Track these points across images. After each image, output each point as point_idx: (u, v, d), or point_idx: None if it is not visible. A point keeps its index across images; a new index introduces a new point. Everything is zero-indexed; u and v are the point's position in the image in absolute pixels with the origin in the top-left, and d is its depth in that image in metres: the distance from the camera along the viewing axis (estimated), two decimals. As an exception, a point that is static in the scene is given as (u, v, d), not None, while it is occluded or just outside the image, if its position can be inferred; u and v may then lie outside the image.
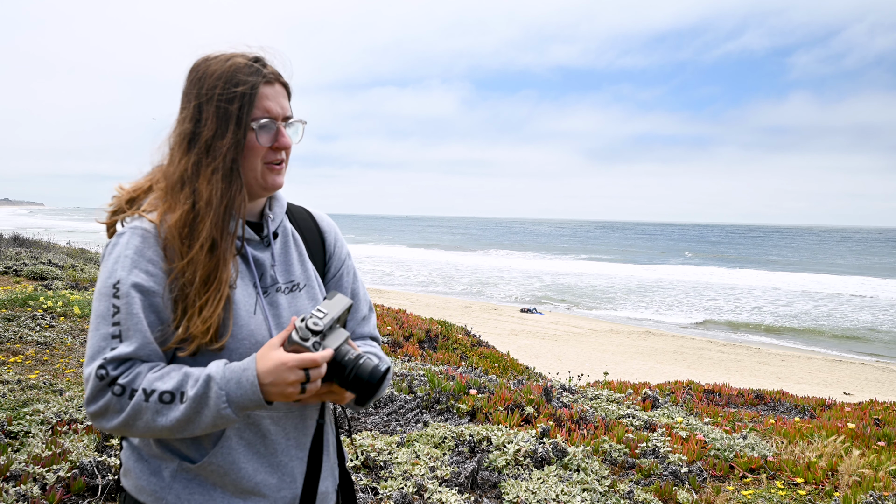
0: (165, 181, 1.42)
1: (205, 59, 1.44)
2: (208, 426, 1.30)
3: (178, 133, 1.42)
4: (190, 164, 1.39)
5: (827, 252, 77.96)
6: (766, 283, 39.06)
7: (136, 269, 1.34)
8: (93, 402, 1.29)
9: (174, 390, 1.28)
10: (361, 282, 1.70)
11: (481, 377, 6.24)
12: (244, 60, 1.41)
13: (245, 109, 1.39)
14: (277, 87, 1.44)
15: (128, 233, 1.38)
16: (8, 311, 7.60)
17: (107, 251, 1.39)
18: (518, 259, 56.00)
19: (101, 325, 1.32)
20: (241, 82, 1.39)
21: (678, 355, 16.29)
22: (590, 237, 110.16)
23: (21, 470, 3.27)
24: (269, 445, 1.44)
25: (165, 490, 1.39)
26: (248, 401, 1.29)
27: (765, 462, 4.28)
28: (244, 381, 1.29)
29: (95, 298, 1.35)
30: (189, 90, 1.42)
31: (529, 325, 19.97)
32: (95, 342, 1.31)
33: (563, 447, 4.08)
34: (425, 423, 4.64)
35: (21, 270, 11.75)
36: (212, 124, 1.38)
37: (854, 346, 20.06)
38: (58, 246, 20.31)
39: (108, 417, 1.29)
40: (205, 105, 1.39)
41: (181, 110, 1.43)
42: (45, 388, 5.01)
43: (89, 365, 1.30)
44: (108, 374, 1.28)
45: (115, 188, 1.53)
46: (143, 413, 1.27)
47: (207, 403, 1.28)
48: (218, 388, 1.28)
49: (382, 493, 3.42)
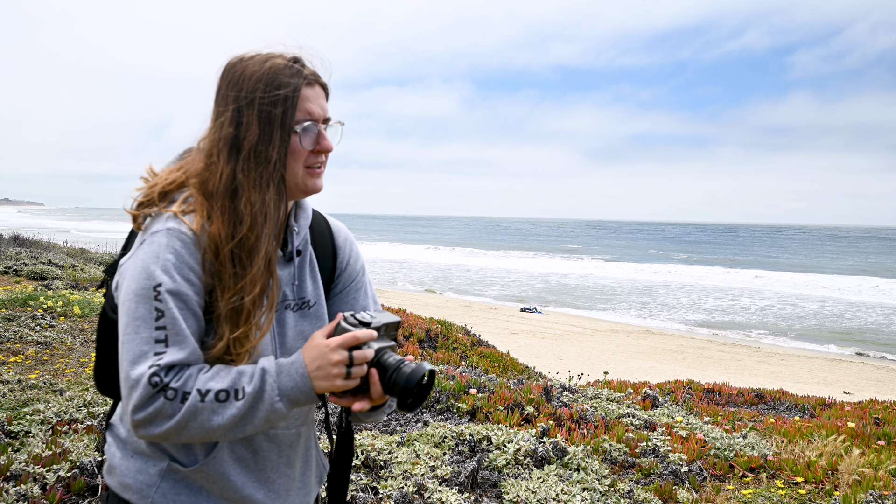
0: (202, 186, 1.34)
1: (240, 60, 1.37)
2: (262, 422, 1.27)
3: (218, 137, 1.34)
4: (238, 172, 1.32)
5: (827, 252, 77.99)
6: (766, 282, 39.07)
7: (178, 276, 1.27)
8: (142, 409, 1.21)
9: (229, 388, 1.24)
10: (373, 297, 1.63)
11: (481, 377, 6.24)
12: (283, 61, 1.36)
13: (289, 113, 1.33)
14: (317, 89, 1.39)
15: (165, 233, 1.30)
16: (8, 311, 7.60)
17: (140, 249, 1.31)
18: (518, 258, 56.00)
19: (141, 328, 1.25)
20: (283, 84, 1.33)
21: (678, 355, 16.29)
22: (590, 237, 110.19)
23: (21, 470, 3.27)
24: (260, 462, 1.42)
25: (152, 489, 1.36)
26: (298, 392, 1.27)
27: (765, 461, 4.28)
28: (294, 373, 1.27)
29: (130, 299, 1.27)
30: (226, 92, 1.36)
31: (529, 324, 19.98)
32: (137, 346, 1.24)
33: (563, 446, 4.08)
34: (425, 422, 4.64)
35: (21, 270, 11.74)
36: (255, 129, 1.32)
37: (854, 345, 20.06)
38: (58, 246, 20.31)
39: (158, 423, 1.22)
40: (245, 109, 1.33)
41: (217, 113, 1.36)
42: (45, 387, 5.01)
43: (135, 369, 1.23)
44: (161, 381, 1.21)
45: (147, 171, 1.45)
46: (198, 414, 1.22)
47: (263, 398, 1.25)
48: (272, 381, 1.26)
49: (382, 493, 3.42)
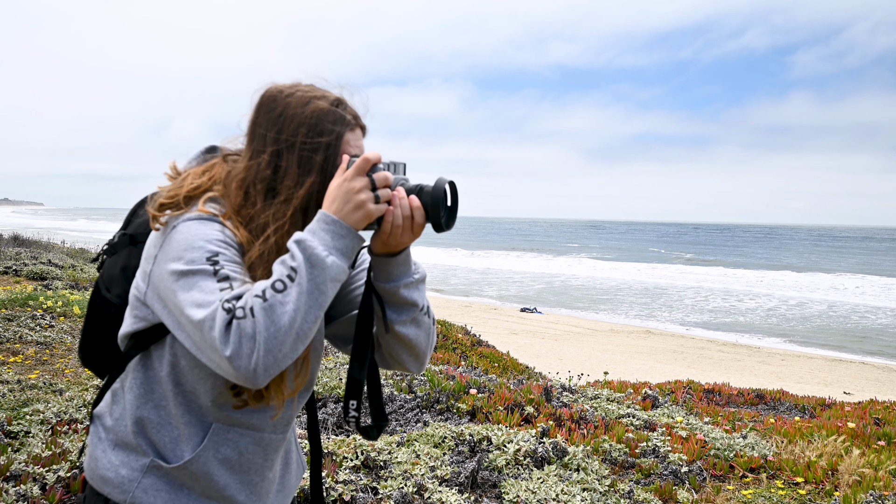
0: (235, 212, 1.32)
1: (280, 93, 1.35)
2: (331, 286, 1.20)
3: (255, 176, 1.32)
4: (270, 215, 1.30)
5: (827, 252, 78.01)
6: (766, 282, 39.07)
7: (224, 239, 1.27)
8: (227, 343, 1.14)
9: (280, 276, 1.18)
10: None
11: (481, 377, 6.23)
12: (326, 105, 1.34)
13: (330, 160, 1.32)
14: (357, 131, 1.38)
15: (197, 216, 1.30)
16: (8, 311, 7.60)
17: (176, 231, 1.28)
18: (518, 258, 55.99)
19: (202, 280, 1.20)
20: (326, 132, 1.32)
21: (678, 355, 16.29)
22: (589, 236, 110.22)
23: (21, 470, 3.27)
24: (245, 464, 1.41)
25: (133, 484, 1.35)
26: (340, 238, 1.22)
27: (765, 461, 4.28)
28: (325, 224, 1.22)
29: (179, 272, 1.22)
30: (265, 130, 1.33)
31: (529, 324, 19.98)
32: (202, 295, 1.19)
33: (563, 447, 4.08)
34: (425, 422, 4.64)
35: (21, 270, 11.74)
36: (293, 174, 1.31)
37: (854, 345, 20.06)
38: (57, 246, 20.30)
39: (251, 349, 1.14)
40: (285, 152, 1.31)
41: (255, 150, 1.34)
42: (44, 387, 5.01)
43: (204, 309, 1.17)
44: (232, 307, 1.15)
45: (171, 167, 1.44)
46: (271, 314, 1.14)
47: (314, 262, 1.19)
48: (311, 243, 1.20)
49: (382, 493, 3.42)
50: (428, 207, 1.27)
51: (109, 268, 1.54)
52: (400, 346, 1.44)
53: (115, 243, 1.53)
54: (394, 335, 1.42)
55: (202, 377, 1.34)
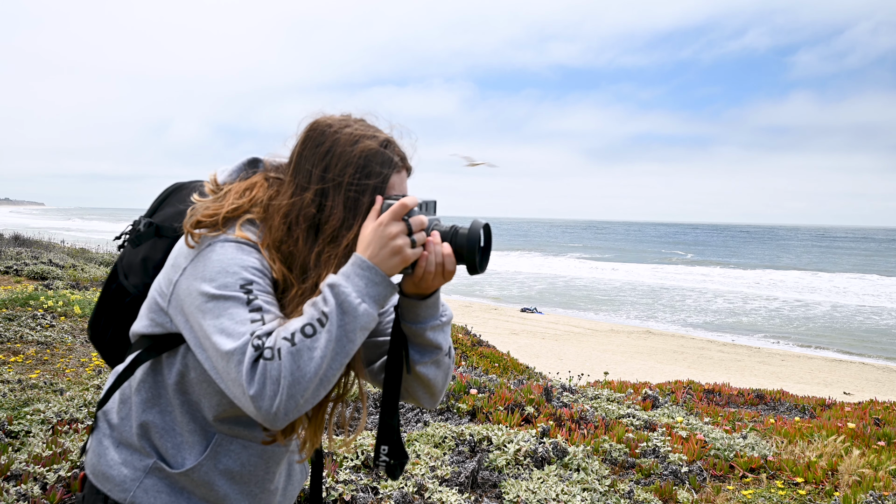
0: (276, 247, 1.30)
1: (330, 129, 1.33)
2: (359, 334, 1.19)
3: (299, 213, 1.29)
4: (313, 255, 1.28)
5: (828, 252, 77.97)
6: (766, 282, 39.06)
7: (258, 266, 1.26)
8: (252, 382, 1.13)
9: (310, 320, 1.17)
10: None
11: (481, 377, 6.24)
12: (375, 145, 1.31)
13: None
14: (403, 173, 1.36)
15: (235, 240, 1.28)
16: (8, 311, 7.60)
17: (206, 252, 1.27)
18: (518, 258, 55.98)
19: (234, 308, 1.19)
20: (374, 174, 1.29)
21: (678, 355, 16.28)
22: (590, 237, 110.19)
23: (21, 469, 3.27)
24: (246, 476, 1.40)
25: (134, 483, 1.34)
26: (374, 285, 1.20)
27: (765, 462, 4.28)
28: (360, 270, 1.20)
29: (210, 295, 1.21)
30: (311, 166, 1.30)
31: (529, 324, 19.98)
32: (232, 324, 1.18)
33: (564, 447, 4.08)
34: (425, 422, 4.65)
35: (21, 270, 11.75)
36: (339, 214, 1.28)
37: (854, 345, 20.05)
38: (58, 245, 20.31)
39: (273, 391, 1.13)
40: (331, 191, 1.28)
41: (299, 184, 1.31)
42: (45, 387, 5.01)
43: (233, 340, 1.16)
44: (262, 346, 1.15)
45: (211, 180, 1.41)
46: (297, 359, 1.14)
47: (346, 309, 1.17)
48: (345, 289, 1.18)
49: (382, 493, 3.42)
50: (463, 250, 1.28)
51: (130, 254, 1.52)
52: (417, 385, 1.43)
53: (140, 233, 1.49)
54: (414, 375, 1.40)
55: (209, 393, 1.33)
